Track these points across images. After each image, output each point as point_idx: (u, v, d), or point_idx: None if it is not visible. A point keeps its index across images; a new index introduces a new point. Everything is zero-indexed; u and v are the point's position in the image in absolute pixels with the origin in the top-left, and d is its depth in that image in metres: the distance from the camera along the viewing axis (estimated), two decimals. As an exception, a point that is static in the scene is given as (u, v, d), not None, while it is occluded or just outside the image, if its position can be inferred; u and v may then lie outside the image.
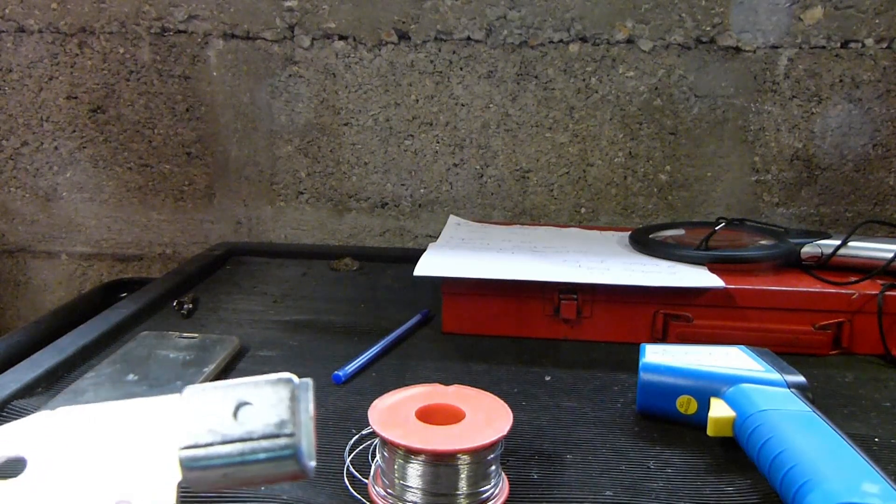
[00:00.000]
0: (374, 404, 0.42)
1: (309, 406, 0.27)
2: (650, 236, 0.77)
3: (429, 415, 0.41)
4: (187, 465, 0.26)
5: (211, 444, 0.26)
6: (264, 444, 0.26)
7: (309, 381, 0.27)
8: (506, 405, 0.42)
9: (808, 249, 0.70)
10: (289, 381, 0.27)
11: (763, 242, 0.75)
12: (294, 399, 0.26)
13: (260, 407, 0.26)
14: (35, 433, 0.27)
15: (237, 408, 0.26)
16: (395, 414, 0.40)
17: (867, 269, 0.67)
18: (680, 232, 0.81)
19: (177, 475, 0.26)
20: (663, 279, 0.64)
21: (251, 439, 0.26)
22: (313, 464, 0.27)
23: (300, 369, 0.59)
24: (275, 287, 0.83)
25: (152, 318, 0.72)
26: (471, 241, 0.79)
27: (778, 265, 0.71)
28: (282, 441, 0.26)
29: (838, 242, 0.70)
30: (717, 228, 0.74)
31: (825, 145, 0.94)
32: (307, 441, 0.26)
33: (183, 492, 0.27)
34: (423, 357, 0.63)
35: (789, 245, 0.71)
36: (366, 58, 0.97)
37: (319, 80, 0.98)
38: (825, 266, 0.70)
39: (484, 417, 0.40)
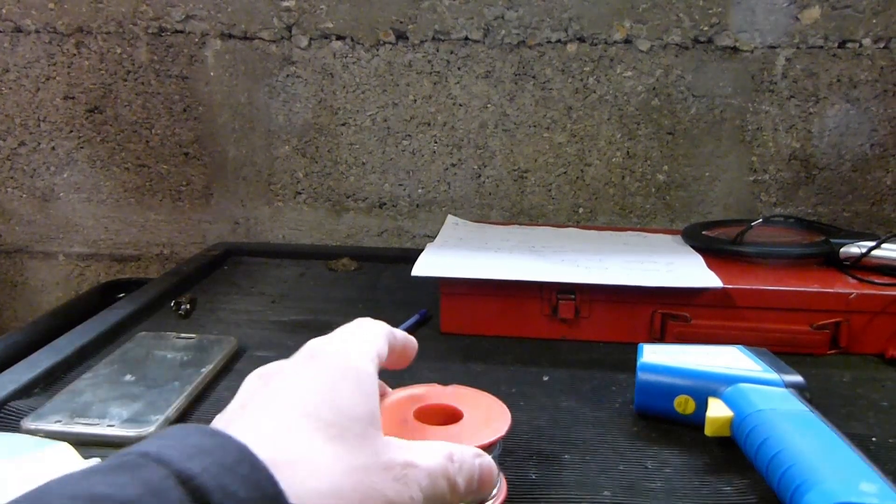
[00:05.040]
0: (373, 405, 0.42)
1: None
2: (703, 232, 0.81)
3: (427, 415, 0.41)
4: None
5: None
6: None
7: None
8: (504, 405, 0.42)
9: (846, 249, 0.71)
10: None
11: (801, 240, 0.76)
12: None
13: None
14: None
15: None
16: (393, 414, 0.40)
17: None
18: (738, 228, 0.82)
19: None
20: (661, 279, 0.64)
21: None
22: None
23: (298, 370, 0.59)
24: (273, 287, 0.83)
25: (150, 318, 0.72)
26: (469, 241, 0.78)
27: (816, 263, 0.72)
28: None
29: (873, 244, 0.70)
30: (752, 224, 0.79)
31: (823, 145, 0.94)
32: None
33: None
34: (421, 357, 0.63)
35: (828, 244, 0.72)
36: (363, 58, 0.97)
37: (317, 80, 0.98)
38: (860, 266, 0.70)
39: (482, 417, 0.40)
